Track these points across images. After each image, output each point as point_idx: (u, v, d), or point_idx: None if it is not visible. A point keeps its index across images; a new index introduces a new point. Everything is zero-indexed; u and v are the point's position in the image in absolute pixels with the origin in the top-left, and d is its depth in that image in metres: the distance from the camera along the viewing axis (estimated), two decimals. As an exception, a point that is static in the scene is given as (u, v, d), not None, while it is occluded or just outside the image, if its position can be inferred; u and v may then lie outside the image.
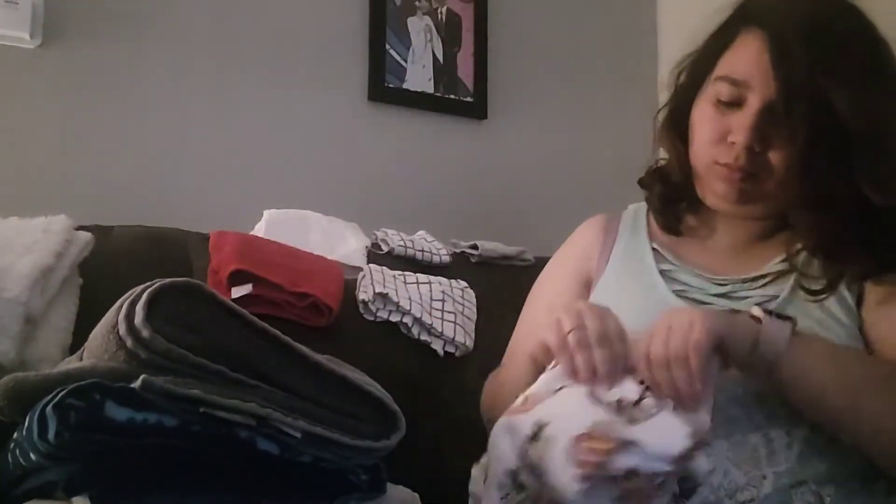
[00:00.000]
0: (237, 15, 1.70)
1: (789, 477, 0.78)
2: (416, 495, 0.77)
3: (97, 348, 0.58)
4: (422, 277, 1.41)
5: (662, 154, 1.02)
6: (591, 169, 1.97)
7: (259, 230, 1.44)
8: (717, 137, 0.88)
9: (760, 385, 0.80)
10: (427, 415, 1.23)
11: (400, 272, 1.40)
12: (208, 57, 1.66)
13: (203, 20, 1.66)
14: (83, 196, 1.48)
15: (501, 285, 1.48)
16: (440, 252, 1.50)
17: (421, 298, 1.34)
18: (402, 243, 1.48)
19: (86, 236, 1.20)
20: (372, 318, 1.31)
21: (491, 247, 1.56)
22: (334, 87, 1.79)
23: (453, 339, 1.32)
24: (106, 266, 1.21)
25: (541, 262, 1.50)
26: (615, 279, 1.00)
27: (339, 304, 1.25)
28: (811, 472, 0.78)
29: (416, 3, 1.89)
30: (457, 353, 1.34)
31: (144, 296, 0.55)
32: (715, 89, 0.88)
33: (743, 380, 0.81)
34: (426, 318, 1.31)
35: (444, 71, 1.89)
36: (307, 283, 1.23)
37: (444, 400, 1.28)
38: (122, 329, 0.55)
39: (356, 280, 1.35)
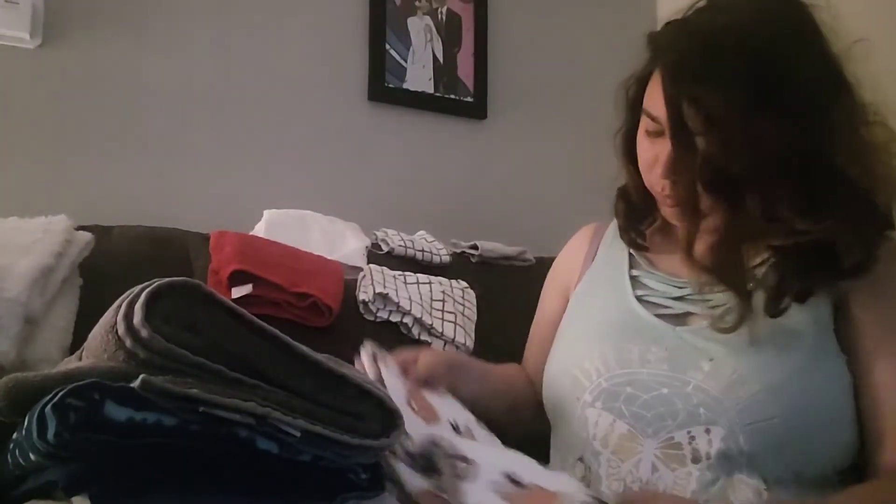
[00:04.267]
0: (237, 15, 1.70)
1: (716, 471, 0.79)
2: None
3: (96, 348, 0.58)
4: (422, 277, 1.41)
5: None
6: (591, 169, 1.97)
7: (259, 230, 1.44)
8: (648, 166, 0.90)
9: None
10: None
11: (400, 272, 1.40)
12: (208, 57, 1.66)
13: (203, 20, 1.66)
14: (83, 196, 1.48)
15: (501, 285, 1.48)
16: (440, 252, 1.50)
17: (421, 299, 1.34)
18: (402, 243, 1.48)
19: (86, 236, 1.20)
20: (372, 319, 1.31)
21: (491, 247, 1.56)
22: (334, 87, 1.79)
23: (453, 339, 1.32)
24: (106, 266, 1.21)
25: (541, 262, 1.51)
26: (590, 283, 1.03)
27: (339, 305, 1.25)
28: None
29: (416, 3, 1.89)
30: (457, 354, 1.34)
31: (143, 295, 0.55)
32: (644, 119, 0.89)
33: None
34: (426, 319, 1.31)
35: (444, 71, 1.89)
36: (307, 284, 1.23)
37: (444, 400, 1.28)
38: (121, 329, 0.54)
39: (356, 280, 1.35)
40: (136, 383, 0.50)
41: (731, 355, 0.82)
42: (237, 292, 1.17)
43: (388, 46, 1.84)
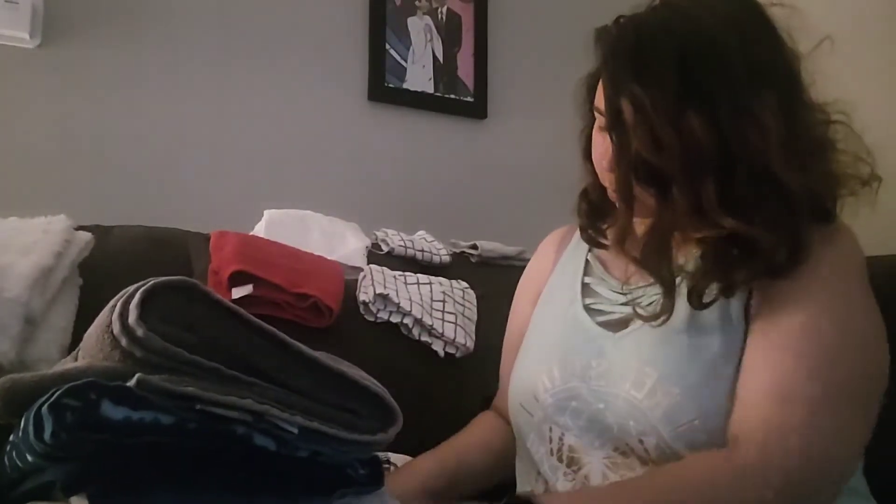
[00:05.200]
0: (237, 15, 1.70)
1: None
2: None
3: (92, 348, 0.57)
4: (422, 278, 1.40)
5: None
6: (592, 169, 1.97)
7: (259, 230, 1.44)
8: (598, 162, 0.90)
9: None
10: (428, 416, 1.23)
11: (400, 272, 1.40)
12: (208, 57, 1.66)
13: (203, 20, 1.66)
14: (83, 196, 1.48)
15: (501, 285, 1.48)
16: (440, 252, 1.50)
17: (421, 299, 1.34)
18: (402, 243, 1.48)
19: (86, 236, 1.20)
20: (372, 319, 1.31)
21: (491, 247, 1.56)
22: (334, 87, 1.79)
23: (454, 340, 1.32)
24: (106, 266, 1.21)
25: (541, 263, 1.51)
26: (550, 292, 1.02)
27: (339, 305, 1.25)
28: None
29: (416, 2, 1.89)
30: (457, 355, 1.33)
31: (138, 294, 0.55)
32: (597, 116, 0.89)
33: None
34: (427, 319, 1.31)
35: (444, 71, 1.89)
36: (308, 284, 1.23)
37: (444, 401, 1.28)
38: (117, 328, 0.54)
39: (356, 280, 1.35)
40: (132, 382, 0.50)
41: (656, 359, 0.81)
42: (237, 293, 1.17)
43: (388, 46, 1.84)
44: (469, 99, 1.91)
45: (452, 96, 1.90)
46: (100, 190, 1.52)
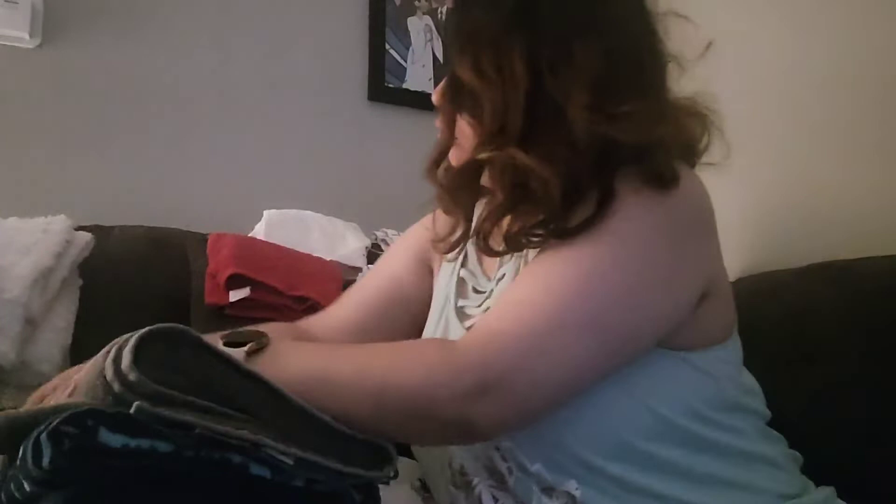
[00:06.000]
0: (237, 15, 1.70)
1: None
2: None
3: (84, 395, 0.59)
4: (422, 278, 1.40)
5: None
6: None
7: (259, 230, 1.44)
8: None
9: None
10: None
11: (400, 272, 1.40)
12: (208, 57, 1.66)
13: (203, 20, 1.66)
14: (83, 196, 1.48)
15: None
16: (440, 252, 1.50)
17: (421, 299, 1.33)
18: (402, 243, 1.48)
19: (86, 236, 1.20)
20: (372, 319, 1.30)
21: (491, 247, 1.55)
22: (334, 87, 1.79)
23: (453, 339, 1.32)
24: (106, 266, 1.21)
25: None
26: (438, 281, 0.94)
27: (338, 305, 1.25)
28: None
29: (416, 2, 1.89)
30: (457, 354, 1.33)
31: (132, 341, 0.56)
32: None
33: None
34: (426, 319, 1.31)
35: (444, 71, 1.89)
36: (305, 287, 1.23)
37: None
38: (109, 374, 0.55)
39: (356, 281, 1.35)
40: (132, 409, 0.51)
41: None
42: (234, 296, 1.17)
43: (388, 46, 1.84)
44: (469, 99, 1.91)
45: (452, 96, 1.89)
46: (100, 190, 1.52)
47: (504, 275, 0.81)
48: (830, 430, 0.97)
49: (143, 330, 0.58)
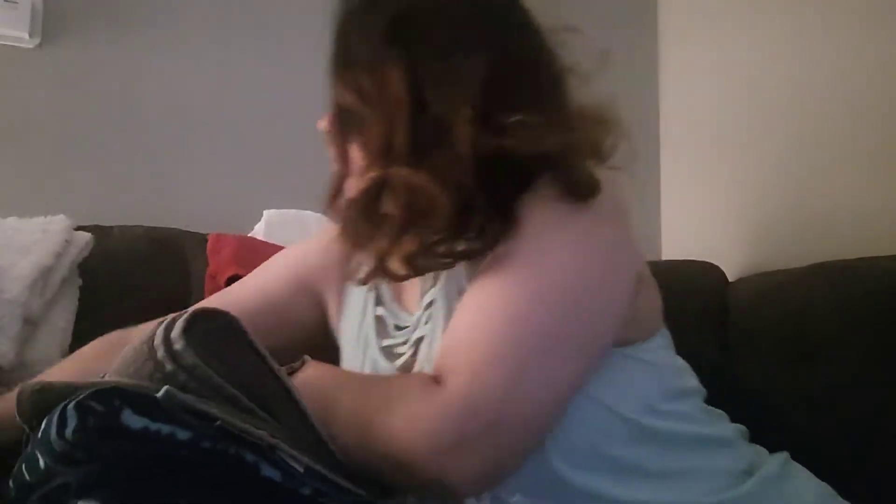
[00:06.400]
0: (237, 15, 1.70)
1: None
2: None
3: (124, 358, 0.61)
4: (422, 278, 1.40)
5: None
6: (592, 169, 1.97)
7: (259, 230, 1.44)
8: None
9: None
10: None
11: (400, 272, 1.40)
12: (208, 56, 1.66)
13: (203, 20, 1.66)
14: (83, 196, 1.48)
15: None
16: (440, 252, 1.50)
17: (421, 299, 1.34)
18: (401, 243, 1.48)
19: (85, 236, 1.20)
20: (372, 319, 1.30)
21: (491, 247, 1.55)
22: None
23: (453, 339, 1.31)
24: (105, 266, 1.21)
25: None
26: (345, 325, 0.91)
27: (338, 305, 1.25)
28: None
29: (416, 2, 1.89)
30: (457, 354, 1.33)
31: (186, 314, 0.59)
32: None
33: None
34: (426, 319, 1.30)
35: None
36: (307, 284, 1.23)
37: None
38: (158, 339, 0.58)
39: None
40: (159, 394, 0.52)
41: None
42: (235, 295, 1.17)
43: (387, 46, 1.83)
44: (469, 99, 1.91)
45: (452, 96, 1.89)
46: (100, 190, 1.52)
47: (433, 301, 0.79)
48: (830, 430, 0.97)
49: (197, 307, 0.61)
